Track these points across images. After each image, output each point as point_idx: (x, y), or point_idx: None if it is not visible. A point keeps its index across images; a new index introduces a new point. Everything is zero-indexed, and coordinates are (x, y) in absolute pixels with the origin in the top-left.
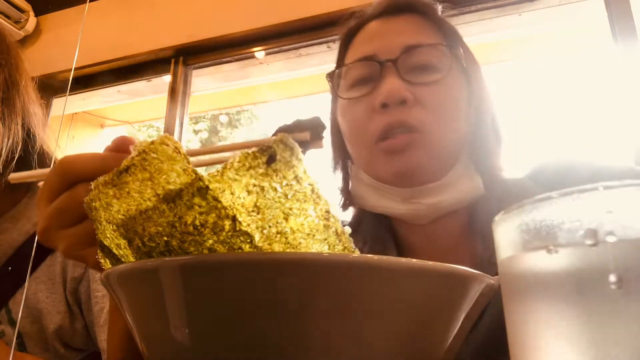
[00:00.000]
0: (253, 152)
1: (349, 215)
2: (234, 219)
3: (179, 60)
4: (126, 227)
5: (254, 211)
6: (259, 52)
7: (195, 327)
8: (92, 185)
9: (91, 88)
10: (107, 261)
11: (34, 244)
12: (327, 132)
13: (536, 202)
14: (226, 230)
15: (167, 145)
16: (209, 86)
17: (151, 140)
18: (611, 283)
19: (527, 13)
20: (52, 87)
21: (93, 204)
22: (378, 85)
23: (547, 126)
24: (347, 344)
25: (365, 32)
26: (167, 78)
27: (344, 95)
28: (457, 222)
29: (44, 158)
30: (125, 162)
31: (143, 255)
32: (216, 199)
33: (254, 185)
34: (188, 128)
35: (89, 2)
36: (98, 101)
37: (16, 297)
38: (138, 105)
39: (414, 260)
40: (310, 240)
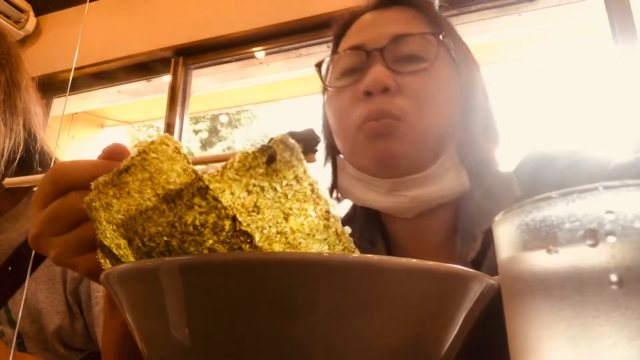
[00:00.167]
0: (253, 152)
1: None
2: (234, 219)
3: (179, 60)
4: (126, 227)
5: (254, 211)
6: (259, 52)
7: (195, 327)
8: (92, 185)
9: (91, 88)
10: (107, 261)
11: None
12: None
13: (536, 202)
14: (226, 230)
15: (167, 145)
16: (209, 86)
17: (151, 140)
18: (611, 283)
19: (527, 13)
20: (52, 87)
21: (93, 204)
22: (364, 74)
23: (547, 126)
24: (347, 344)
25: (356, 25)
26: (167, 78)
27: (332, 85)
28: (444, 218)
29: (45, 158)
30: (125, 162)
31: (143, 255)
32: (216, 199)
33: (254, 185)
34: (188, 128)
35: (89, 2)
36: (98, 101)
37: (16, 297)
38: (138, 105)
39: (414, 260)
40: (310, 240)
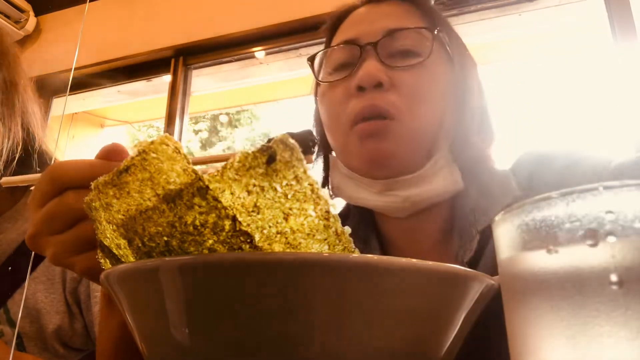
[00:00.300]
0: (253, 152)
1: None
2: (234, 219)
3: (179, 60)
4: (126, 227)
5: (254, 211)
6: (259, 52)
7: (195, 327)
8: (92, 185)
9: (91, 88)
10: (107, 261)
11: None
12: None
13: (536, 202)
14: (226, 230)
15: (167, 145)
16: (209, 86)
17: (151, 140)
18: (611, 283)
19: (527, 13)
20: (52, 87)
21: (93, 204)
22: (357, 68)
23: (547, 126)
24: (347, 344)
25: (350, 18)
26: (167, 78)
27: (325, 80)
28: (438, 217)
29: (44, 158)
30: (125, 162)
31: (143, 255)
32: (216, 199)
33: (254, 185)
34: (188, 128)
35: (89, 2)
36: (98, 101)
37: (15, 297)
38: (138, 105)
39: (414, 260)
40: (310, 240)
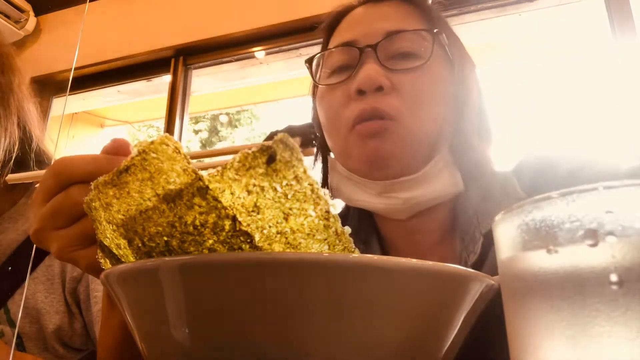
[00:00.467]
0: (253, 152)
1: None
2: (234, 219)
3: (179, 60)
4: (126, 227)
5: (254, 211)
6: (259, 52)
7: (195, 327)
8: (92, 185)
9: (91, 88)
10: (107, 261)
11: (33, 244)
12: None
13: (536, 202)
14: (226, 230)
15: (167, 145)
16: (209, 86)
17: (151, 140)
18: (611, 283)
19: (527, 13)
20: (52, 87)
21: (93, 204)
22: (357, 71)
23: (547, 126)
24: (347, 344)
25: (348, 19)
26: (167, 78)
27: (324, 82)
28: (439, 219)
29: (42, 157)
30: (125, 162)
31: (143, 255)
32: (216, 199)
33: (254, 185)
34: (188, 128)
35: (89, 2)
36: (98, 101)
37: (15, 297)
38: (138, 105)
39: (414, 260)
40: (310, 240)
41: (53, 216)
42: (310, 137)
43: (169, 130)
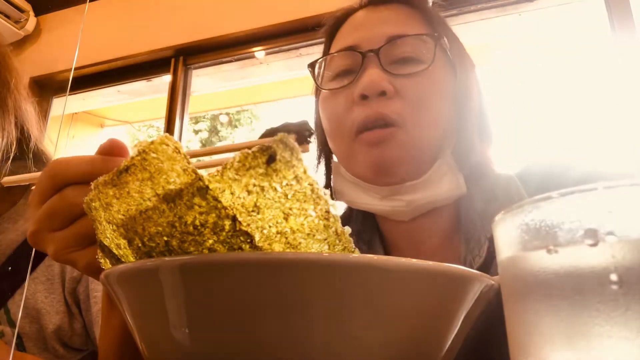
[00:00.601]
0: (253, 152)
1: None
2: (234, 219)
3: (179, 60)
4: (126, 227)
5: (254, 211)
6: (259, 52)
7: (195, 327)
8: (92, 185)
9: (91, 88)
10: (107, 261)
11: None
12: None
13: (536, 202)
14: (226, 230)
15: (167, 145)
16: (209, 86)
17: (151, 140)
18: (611, 283)
19: (527, 13)
20: (52, 87)
21: (93, 204)
22: (359, 76)
23: (547, 126)
24: (347, 344)
25: (350, 23)
26: (167, 78)
27: (326, 86)
28: (441, 220)
29: (40, 157)
30: (125, 162)
31: (143, 255)
32: (216, 199)
33: (254, 185)
34: (188, 128)
35: (89, 2)
36: (98, 101)
37: (15, 298)
38: (138, 105)
39: (414, 260)
40: (310, 240)
41: (49, 218)
42: (305, 135)
43: (169, 130)
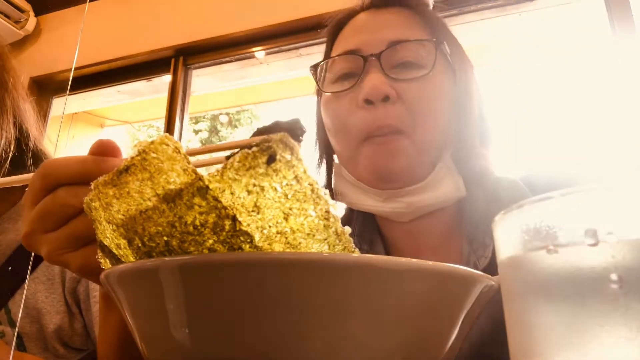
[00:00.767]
0: (253, 152)
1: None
2: (234, 219)
3: (179, 60)
4: (126, 227)
5: (254, 211)
6: (259, 52)
7: (195, 327)
8: (92, 185)
9: (91, 88)
10: (107, 261)
11: None
12: (312, 131)
13: (536, 202)
14: (226, 230)
15: (167, 145)
16: (209, 86)
17: (151, 140)
18: (611, 283)
19: (527, 13)
20: (52, 87)
21: (93, 204)
22: (361, 80)
23: (547, 126)
24: (347, 344)
25: (351, 25)
26: (167, 78)
27: (328, 89)
28: (441, 221)
29: (40, 157)
30: (125, 162)
31: (143, 255)
32: (216, 199)
33: (254, 185)
34: (188, 128)
35: (89, 2)
36: (98, 101)
37: (16, 298)
38: (138, 105)
39: (414, 260)
40: (310, 240)
41: (41, 219)
42: (297, 133)
43: (169, 130)
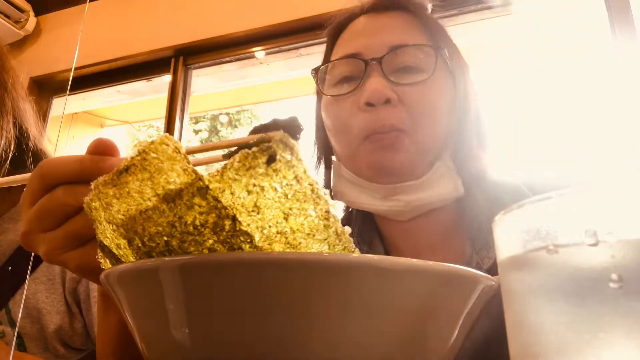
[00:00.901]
0: (253, 152)
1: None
2: (234, 219)
3: (179, 60)
4: (126, 227)
5: (254, 211)
6: (259, 52)
7: (195, 327)
8: (92, 185)
9: (91, 88)
10: (107, 261)
11: None
12: (310, 130)
13: (536, 202)
14: (226, 230)
15: (167, 145)
16: (209, 86)
17: (151, 140)
18: (611, 283)
19: (527, 13)
20: (52, 87)
21: (93, 204)
22: (363, 83)
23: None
24: (347, 344)
25: (352, 29)
26: (167, 78)
27: (329, 92)
28: (440, 221)
29: (40, 157)
30: (125, 162)
31: (143, 255)
32: (216, 199)
33: (254, 185)
34: (188, 128)
35: (89, 2)
36: (98, 101)
37: (16, 298)
38: (138, 105)
39: (414, 260)
40: (310, 240)
41: (39, 218)
42: (294, 131)
43: (169, 130)
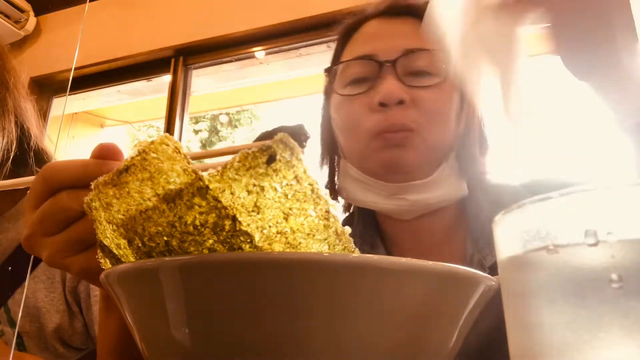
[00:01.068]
0: (253, 152)
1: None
2: (234, 219)
3: (179, 60)
4: (126, 227)
5: (254, 211)
6: (259, 52)
7: (195, 327)
8: (92, 185)
9: (91, 88)
10: (107, 261)
11: None
12: (316, 132)
13: (536, 202)
14: (226, 230)
15: (167, 145)
16: (209, 86)
17: (151, 140)
18: (611, 283)
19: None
20: (52, 87)
21: (93, 204)
22: (376, 84)
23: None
24: (348, 344)
25: (364, 31)
26: (167, 78)
27: (341, 91)
28: (442, 220)
29: (41, 156)
30: (125, 162)
31: (143, 255)
32: (216, 199)
33: (254, 185)
34: (188, 128)
35: (89, 2)
36: (98, 101)
37: (15, 297)
38: (138, 105)
39: (415, 260)
40: (310, 240)
41: (42, 222)
42: (300, 139)
43: (169, 130)
